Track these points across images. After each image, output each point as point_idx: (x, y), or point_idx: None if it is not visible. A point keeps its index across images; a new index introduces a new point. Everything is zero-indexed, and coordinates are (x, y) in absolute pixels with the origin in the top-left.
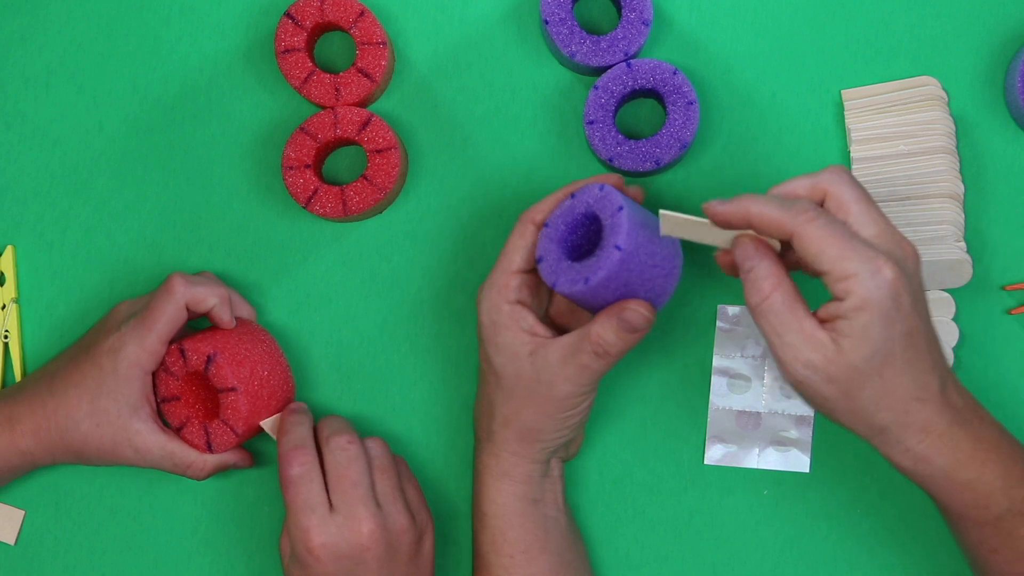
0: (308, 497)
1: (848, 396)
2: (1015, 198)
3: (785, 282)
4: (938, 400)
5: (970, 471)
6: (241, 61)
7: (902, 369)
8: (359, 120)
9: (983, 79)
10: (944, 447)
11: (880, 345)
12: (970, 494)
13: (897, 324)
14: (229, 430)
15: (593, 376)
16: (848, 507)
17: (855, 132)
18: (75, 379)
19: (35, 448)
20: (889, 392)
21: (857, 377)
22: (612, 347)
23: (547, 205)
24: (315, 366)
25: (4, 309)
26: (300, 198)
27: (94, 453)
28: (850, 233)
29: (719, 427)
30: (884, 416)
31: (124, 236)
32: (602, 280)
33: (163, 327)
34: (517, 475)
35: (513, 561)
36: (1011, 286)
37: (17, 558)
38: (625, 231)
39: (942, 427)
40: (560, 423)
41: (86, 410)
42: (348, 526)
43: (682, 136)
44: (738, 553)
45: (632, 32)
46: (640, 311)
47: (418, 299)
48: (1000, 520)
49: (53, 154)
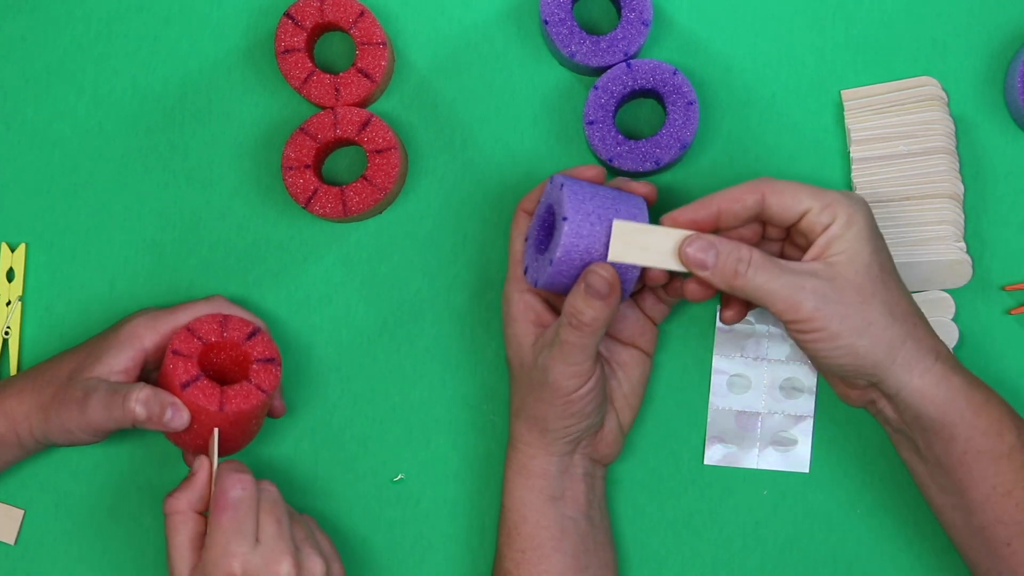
0: (243, 523)
1: (861, 309)
2: (1015, 198)
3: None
4: (930, 327)
5: (982, 392)
6: (241, 61)
7: (898, 283)
8: (359, 120)
9: (983, 79)
10: (956, 366)
11: (873, 253)
12: (986, 418)
13: (880, 240)
14: (255, 388)
15: (576, 353)
16: (848, 507)
17: (855, 132)
18: (75, 347)
19: (17, 410)
20: (895, 302)
21: (863, 286)
22: (583, 315)
23: (536, 193)
24: (315, 366)
25: (9, 306)
26: (300, 198)
27: (56, 407)
28: None
29: (719, 427)
30: (898, 329)
31: (124, 236)
32: (561, 255)
33: (182, 317)
34: (533, 469)
35: (524, 556)
36: (1011, 286)
37: (17, 558)
38: (567, 202)
39: (944, 351)
40: (561, 411)
41: (67, 369)
42: (270, 560)
43: (682, 136)
44: (738, 553)
45: (632, 32)
46: (599, 272)
47: (418, 299)
48: (1013, 452)
49: (53, 154)
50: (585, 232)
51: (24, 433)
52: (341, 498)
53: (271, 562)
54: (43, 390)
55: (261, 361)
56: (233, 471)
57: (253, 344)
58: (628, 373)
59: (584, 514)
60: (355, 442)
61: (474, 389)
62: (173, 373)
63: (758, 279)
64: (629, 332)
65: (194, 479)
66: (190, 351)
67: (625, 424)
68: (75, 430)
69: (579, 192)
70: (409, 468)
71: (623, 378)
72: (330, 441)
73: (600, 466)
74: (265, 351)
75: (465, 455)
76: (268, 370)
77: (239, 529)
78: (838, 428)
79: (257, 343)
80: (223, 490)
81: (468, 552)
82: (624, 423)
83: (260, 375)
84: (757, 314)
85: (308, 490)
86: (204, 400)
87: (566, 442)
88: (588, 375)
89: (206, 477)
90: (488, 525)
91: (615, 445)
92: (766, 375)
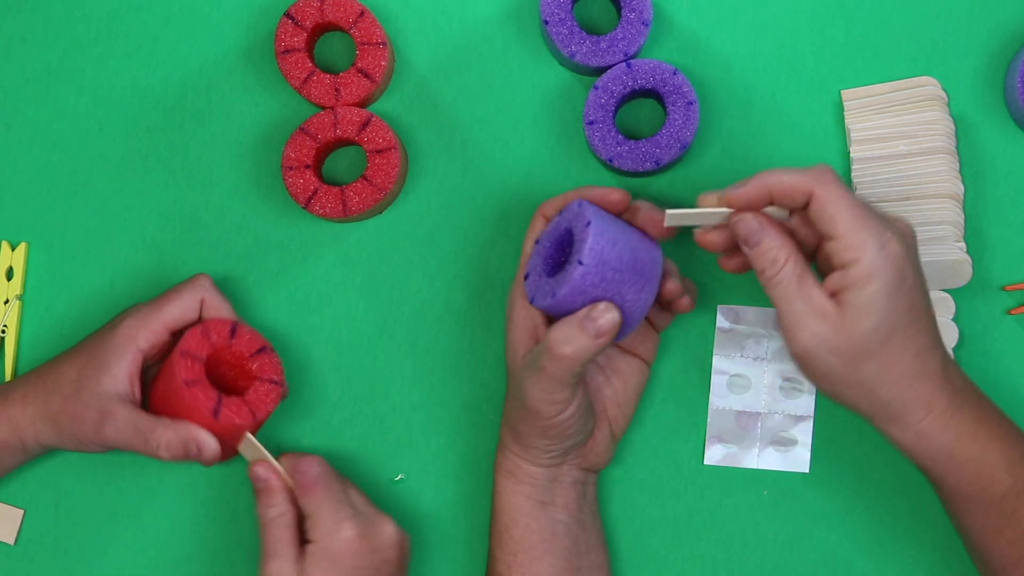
0: (337, 492)
1: (852, 368)
2: (1015, 198)
3: (796, 252)
4: (939, 376)
5: (972, 448)
6: (241, 61)
7: (905, 343)
8: (359, 120)
9: (983, 79)
10: (946, 424)
11: (884, 317)
12: (973, 472)
13: (901, 298)
14: (268, 384)
15: (553, 383)
16: (848, 507)
17: (855, 132)
18: (73, 349)
19: (21, 417)
20: (892, 365)
21: (861, 348)
22: (564, 346)
23: (559, 202)
24: (315, 366)
25: (7, 304)
26: (300, 198)
27: (67, 420)
28: (862, 202)
29: (719, 427)
30: (887, 391)
31: (124, 236)
32: (566, 294)
33: (172, 310)
34: (521, 475)
35: (516, 560)
36: (1011, 286)
37: (17, 558)
38: (588, 247)
39: (943, 404)
40: (540, 432)
41: (71, 376)
42: (375, 520)
43: (682, 136)
44: (738, 553)
45: (632, 32)
46: (605, 313)
47: (418, 299)
48: (1004, 499)
49: (53, 154)
50: (596, 282)
51: (29, 439)
52: None
53: (376, 522)
54: (49, 398)
55: (264, 380)
56: (298, 457)
57: (259, 361)
58: (625, 381)
59: (575, 518)
60: (355, 442)
61: (474, 389)
62: (178, 372)
63: (774, 292)
64: (630, 340)
65: (269, 482)
66: (199, 352)
67: (618, 432)
68: (88, 443)
69: (602, 233)
70: (409, 468)
71: (619, 386)
72: (330, 441)
73: (591, 473)
74: (271, 371)
75: (465, 455)
76: (268, 392)
77: (338, 498)
78: (838, 428)
79: (264, 361)
80: (304, 471)
81: (468, 552)
82: (616, 431)
83: (259, 394)
84: (758, 314)
85: None
86: (202, 402)
87: (550, 457)
88: (566, 403)
89: (275, 474)
90: (488, 526)
91: (606, 454)
92: (766, 375)
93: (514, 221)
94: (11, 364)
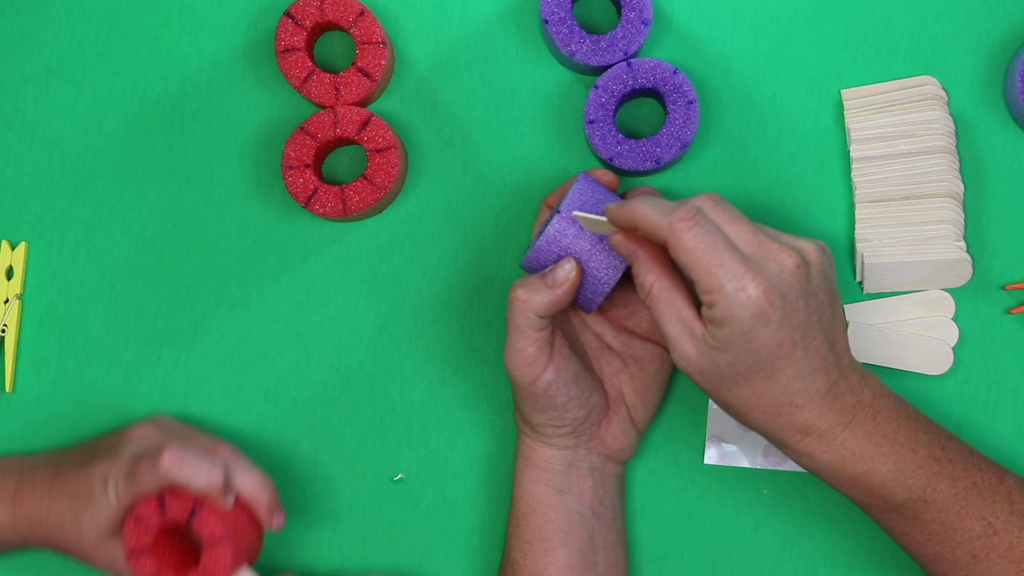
0: None
1: (718, 392)
2: (1015, 198)
3: (665, 273)
4: (817, 404)
5: (858, 466)
6: (241, 61)
7: (769, 378)
8: (359, 120)
9: (983, 79)
10: (826, 446)
11: (742, 357)
12: (863, 487)
13: (761, 338)
14: (220, 546)
15: (513, 334)
16: (848, 507)
17: (855, 132)
18: (71, 488)
19: (29, 537)
20: (756, 397)
21: (723, 378)
22: (516, 289)
23: (561, 190)
24: (315, 366)
25: (7, 303)
26: (300, 198)
27: (78, 556)
28: (725, 244)
29: (719, 427)
30: (755, 417)
31: (124, 236)
32: (541, 244)
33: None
34: (536, 461)
35: (531, 548)
36: (1011, 286)
37: (17, 557)
38: (567, 200)
39: (821, 428)
40: (530, 404)
41: (72, 522)
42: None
43: (682, 135)
44: (738, 553)
45: (632, 32)
46: (564, 264)
47: (418, 299)
48: (902, 507)
49: (53, 154)
50: (570, 238)
51: (32, 541)
52: (341, 498)
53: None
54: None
55: (209, 543)
56: None
57: (198, 523)
58: (643, 367)
59: (592, 510)
60: (355, 442)
61: (474, 389)
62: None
63: (651, 312)
64: (646, 326)
65: None
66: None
67: (638, 420)
68: None
69: (582, 192)
70: (409, 468)
71: (636, 372)
72: (330, 441)
73: (612, 462)
74: (212, 528)
75: (465, 455)
76: (218, 555)
77: None
78: None
79: (203, 520)
80: None
81: (468, 552)
82: (637, 419)
83: (212, 559)
84: None
85: (308, 490)
86: None
87: (558, 436)
88: (534, 362)
89: None
90: (488, 525)
91: (624, 440)
92: None
93: (514, 221)
94: (11, 364)
